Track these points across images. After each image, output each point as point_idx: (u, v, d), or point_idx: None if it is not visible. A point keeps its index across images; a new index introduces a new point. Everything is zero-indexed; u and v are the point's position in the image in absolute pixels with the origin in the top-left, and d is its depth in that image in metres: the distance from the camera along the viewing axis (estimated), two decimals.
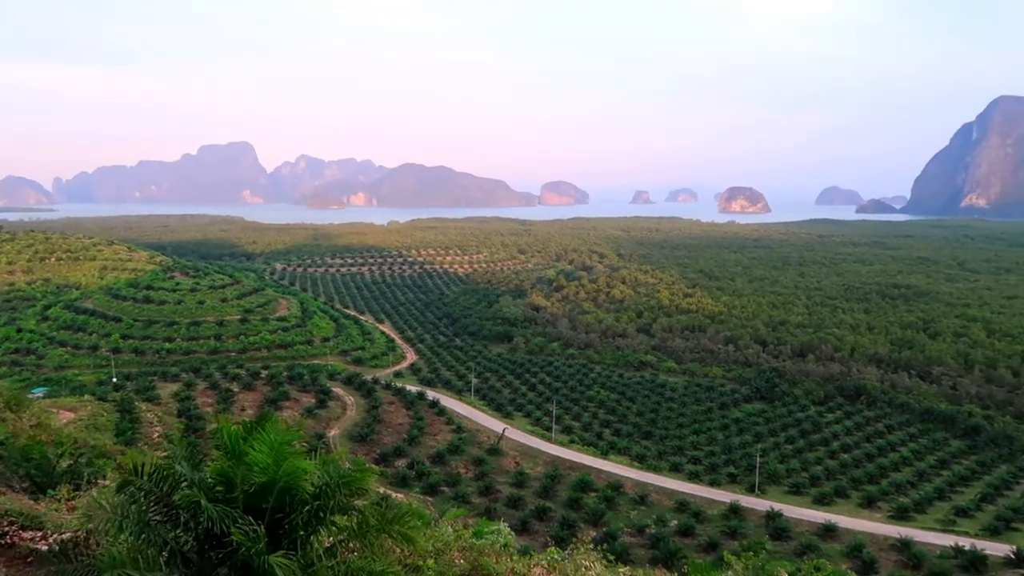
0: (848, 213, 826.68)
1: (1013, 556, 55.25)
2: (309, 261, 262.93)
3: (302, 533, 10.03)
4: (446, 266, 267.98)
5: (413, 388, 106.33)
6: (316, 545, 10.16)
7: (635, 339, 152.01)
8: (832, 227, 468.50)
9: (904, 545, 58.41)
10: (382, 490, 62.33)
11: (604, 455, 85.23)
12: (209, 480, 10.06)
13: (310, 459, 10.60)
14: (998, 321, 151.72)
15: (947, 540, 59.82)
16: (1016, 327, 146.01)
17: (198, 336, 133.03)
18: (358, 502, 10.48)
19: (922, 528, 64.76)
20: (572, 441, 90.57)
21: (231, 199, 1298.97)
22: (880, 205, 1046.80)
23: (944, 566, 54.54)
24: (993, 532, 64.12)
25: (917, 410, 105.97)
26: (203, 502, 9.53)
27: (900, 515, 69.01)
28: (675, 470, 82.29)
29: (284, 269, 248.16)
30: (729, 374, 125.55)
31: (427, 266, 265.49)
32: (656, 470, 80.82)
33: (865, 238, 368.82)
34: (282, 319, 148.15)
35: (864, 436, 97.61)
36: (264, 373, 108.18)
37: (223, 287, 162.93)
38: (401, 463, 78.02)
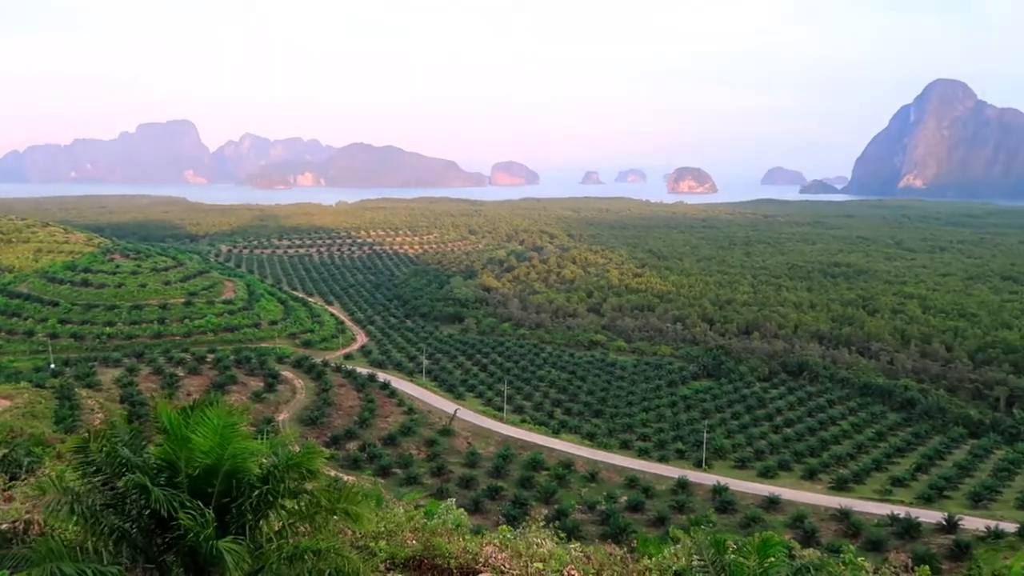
0: (792, 193, 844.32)
1: (945, 523, 57.75)
2: (256, 242, 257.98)
3: (251, 517, 9.91)
4: (396, 247, 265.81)
5: (364, 370, 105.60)
6: (265, 529, 10.05)
7: (585, 319, 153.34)
8: (777, 207, 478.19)
9: (843, 515, 60.53)
10: (333, 473, 61.96)
11: (555, 434, 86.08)
12: (153, 465, 9.86)
13: (258, 442, 10.45)
14: (933, 298, 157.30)
15: (883, 509, 62.17)
16: (949, 304, 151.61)
17: (140, 320, 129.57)
18: (308, 485, 10.39)
19: (860, 498, 67.12)
20: (524, 421, 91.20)
21: (173, 179, 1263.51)
22: (823, 186, 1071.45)
23: (880, 534, 56.73)
24: (927, 500, 66.82)
25: (856, 385, 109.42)
26: (150, 486, 9.34)
27: (840, 486, 71.41)
28: (625, 447, 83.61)
29: (230, 251, 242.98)
30: (677, 352, 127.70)
31: (377, 247, 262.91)
32: (606, 448, 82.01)
33: (808, 218, 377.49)
34: (228, 302, 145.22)
35: (806, 411, 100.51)
36: (210, 357, 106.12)
37: (166, 269, 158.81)
38: (352, 446, 77.60)
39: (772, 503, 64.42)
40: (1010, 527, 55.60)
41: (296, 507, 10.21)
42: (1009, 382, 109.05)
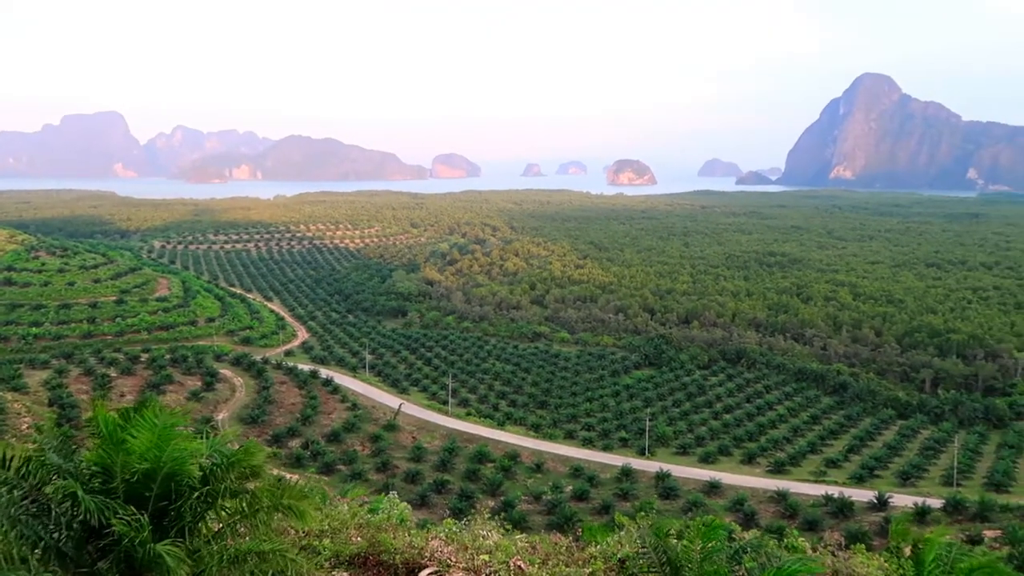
0: (728, 185, 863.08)
1: (876, 501, 60.09)
2: (190, 238, 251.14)
3: (189, 520, 9.67)
4: (336, 241, 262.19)
5: (305, 367, 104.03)
6: (204, 531, 9.83)
7: (529, 311, 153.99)
8: (714, 198, 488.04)
9: (781, 497, 62.38)
10: (276, 472, 60.94)
11: (500, 426, 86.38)
12: (85, 470, 9.52)
13: (198, 443, 10.20)
14: (863, 285, 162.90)
15: (819, 490, 64.29)
16: (878, 290, 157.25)
17: (69, 320, 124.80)
18: (250, 484, 10.20)
19: (797, 480, 69.28)
20: (469, 414, 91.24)
21: (101, 173, 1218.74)
22: (758, 177, 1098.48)
23: (816, 514, 58.67)
24: (859, 480, 69.37)
25: (792, 370, 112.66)
26: (80, 493, 9.02)
27: (777, 469, 73.56)
28: (569, 437, 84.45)
29: (163, 247, 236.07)
30: (619, 342, 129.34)
31: (317, 241, 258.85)
32: (551, 438, 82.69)
33: (744, 209, 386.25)
34: (162, 299, 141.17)
35: (745, 397, 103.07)
36: (144, 357, 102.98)
37: (95, 267, 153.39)
38: (295, 443, 76.48)
39: (713, 487, 65.94)
40: (936, 503, 58.19)
41: (237, 507, 10.00)
42: (934, 364, 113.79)
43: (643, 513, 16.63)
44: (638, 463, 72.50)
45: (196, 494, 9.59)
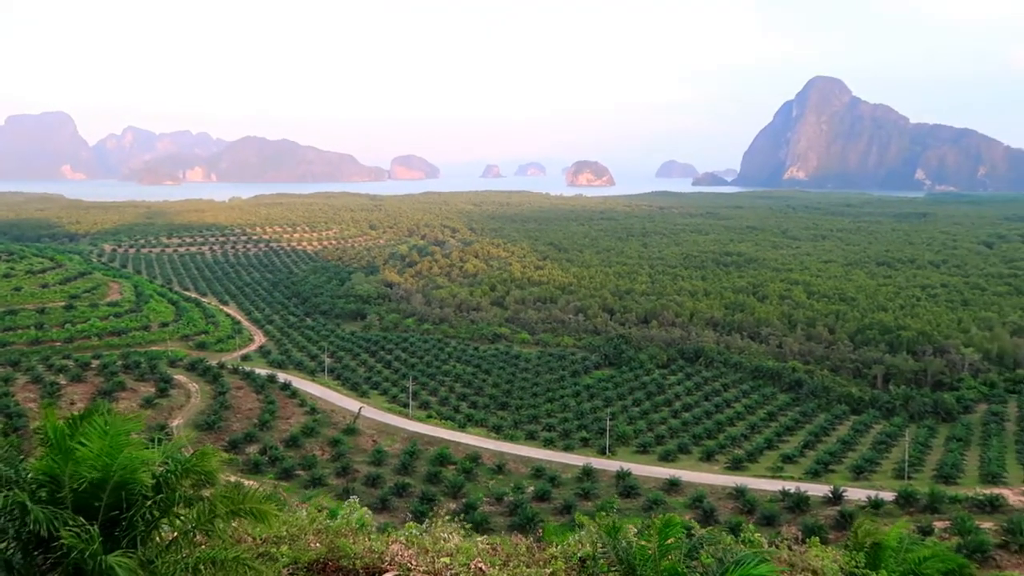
0: (685, 186, 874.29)
1: (831, 495, 61.37)
2: (143, 241, 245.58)
3: (142, 529, 9.45)
4: (294, 243, 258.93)
5: (263, 371, 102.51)
6: (158, 540, 9.62)
7: (489, 312, 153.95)
8: (671, 199, 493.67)
9: (739, 493, 63.32)
10: (234, 479, 59.93)
11: (462, 428, 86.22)
12: (33, 480, 9.25)
13: (151, 450, 9.98)
14: (816, 284, 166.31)
15: (776, 485, 65.41)
16: (831, 289, 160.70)
17: (15, 326, 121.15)
18: (206, 492, 10.01)
19: (754, 476, 70.40)
20: (430, 416, 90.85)
21: (48, 175, 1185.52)
22: (714, 178, 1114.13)
23: (773, 509, 59.69)
24: (814, 475, 70.77)
25: (748, 368, 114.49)
26: (28, 504, 8.76)
27: (735, 466, 74.68)
28: (531, 438, 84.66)
29: (114, 250, 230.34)
30: (579, 342, 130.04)
31: (273, 244, 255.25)
32: (513, 439, 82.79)
33: (701, 209, 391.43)
34: (114, 304, 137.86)
35: (703, 395, 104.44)
36: (95, 363, 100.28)
37: (43, 271, 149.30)
38: (253, 449, 75.31)
39: (673, 485, 66.64)
40: (888, 496, 59.65)
41: (193, 515, 9.80)
42: (885, 361, 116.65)
43: (604, 512, 16.76)
44: (599, 462, 72.94)
45: (149, 503, 9.39)
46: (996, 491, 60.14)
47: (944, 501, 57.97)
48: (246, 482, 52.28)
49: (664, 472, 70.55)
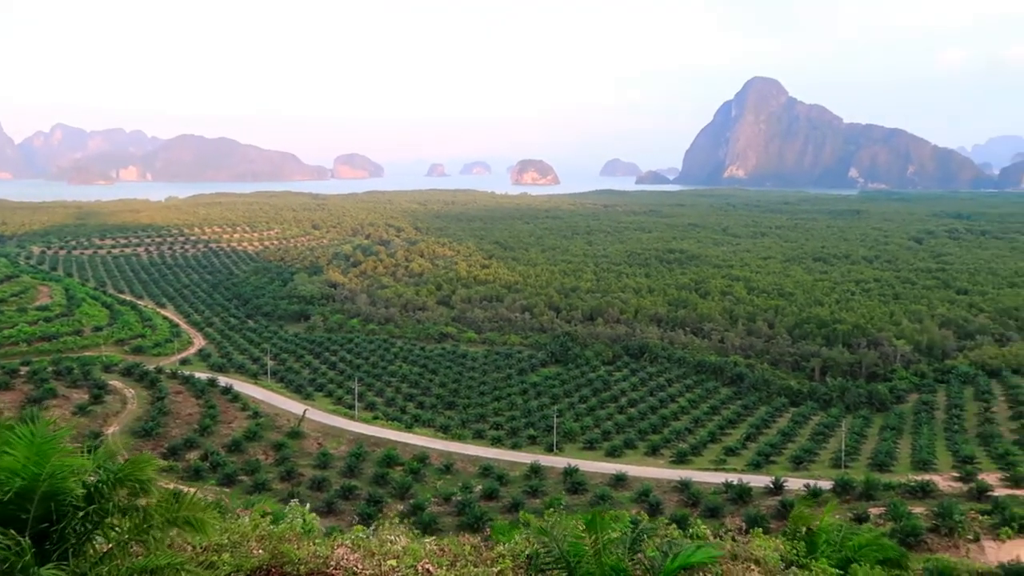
0: (629, 184, 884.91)
1: (772, 485, 62.89)
2: (74, 243, 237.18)
3: (74, 541, 9.09)
4: (234, 244, 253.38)
5: (203, 375, 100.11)
6: (91, 552, 9.26)
7: (435, 311, 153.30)
8: (615, 197, 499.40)
9: (684, 486, 64.40)
10: (173, 486, 58.32)
11: (409, 428, 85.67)
12: None
13: (82, 459, 9.61)
14: (756, 280, 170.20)
15: (719, 478, 66.71)
16: (770, 284, 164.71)
17: None
18: (142, 500, 9.67)
19: (698, 469, 71.69)
20: (376, 417, 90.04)
21: None
22: (656, 176, 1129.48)
23: (717, 501, 60.87)
24: (756, 466, 72.45)
25: (692, 363, 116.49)
26: None
27: (680, 459, 75.95)
28: (478, 437, 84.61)
29: (43, 252, 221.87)
30: (526, 341, 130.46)
31: (213, 245, 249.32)
32: (460, 439, 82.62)
33: (644, 207, 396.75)
34: (43, 308, 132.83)
35: (648, 390, 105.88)
36: (24, 370, 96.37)
37: None
38: (193, 455, 73.46)
39: (619, 480, 67.39)
40: (826, 485, 61.41)
41: (128, 525, 9.46)
42: (822, 354, 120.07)
43: (551, 509, 16.81)
44: (546, 460, 73.30)
45: (81, 513, 9.03)
46: (927, 477, 62.52)
47: (879, 488, 59.95)
48: (186, 489, 51.04)
49: (611, 467, 71.29)
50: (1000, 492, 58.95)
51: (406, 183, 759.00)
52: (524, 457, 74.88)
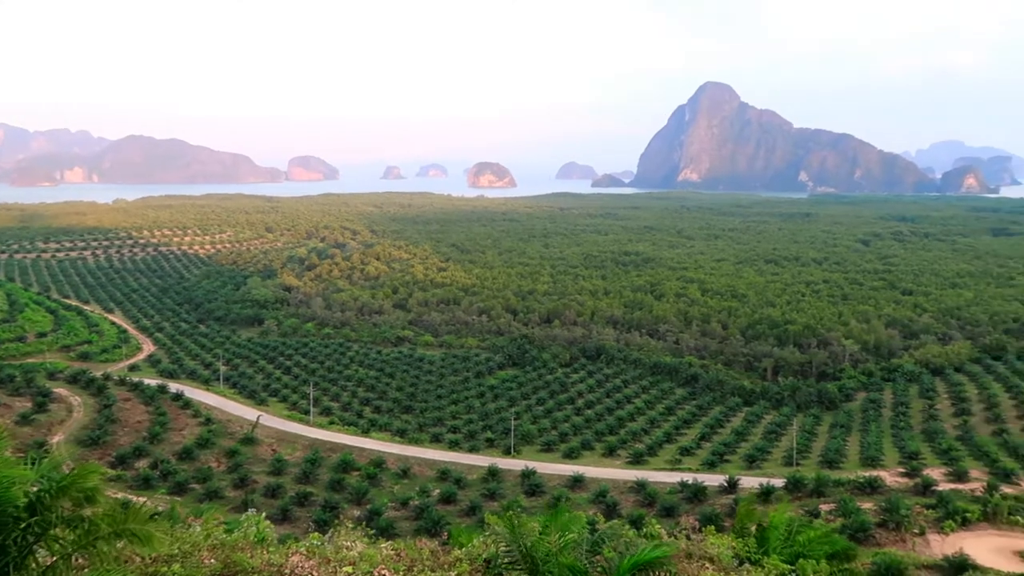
0: (585, 187, 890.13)
1: (726, 484, 63.83)
2: (16, 246, 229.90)
3: (15, 555, 8.81)
4: (185, 247, 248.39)
5: (153, 381, 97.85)
6: (34, 566, 8.99)
7: (392, 315, 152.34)
8: (572, 200, 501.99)
9: (640, 486, 65.01)
10: (121, 495, 56.89)
11: (365, 433, 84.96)
12: None
13: (24, 469, 9.32)
14: (710, 281, 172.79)
15: (675, 477, 67.47)
16: (724, 286, 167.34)
17: None
18: (87, 511, 9.42)
19: (654, 469, 72.45)
20: (332, 422, 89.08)
21: None
22: (612, 179, 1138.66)
23: (672, 500, 61.57)
24: (710, 466, 73.49)
25: (647, 364, 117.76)
26: None
27: (636, 460, 76.67)
28: (436, 441, 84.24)
29: None
30: (483, 343, 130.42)
31: (163, 248, 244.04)
32: (417, 443, 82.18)
33: (600, 210, 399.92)
34: None
35: (604, 392, 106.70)
36: None
37: None
38: (142, 464, 71.77)
39: (577, 482, 67.72)
40: (779, 482, 62.57)
41: (72, 537, 9.20)
42: (774, 354, 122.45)
43: (509, 512, 16.83)
44: (504, 462, 73.32)
45: (23, 525, 8.77)
46: (875, 473, 64.16)
47: (829, 485, 61.30)
48: (135, 499, 49.77)
49: (568, 469, 71.60)
50: (944, 487, 60.78)
51: (362, 185, 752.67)
52: (482, 460, 74.78)
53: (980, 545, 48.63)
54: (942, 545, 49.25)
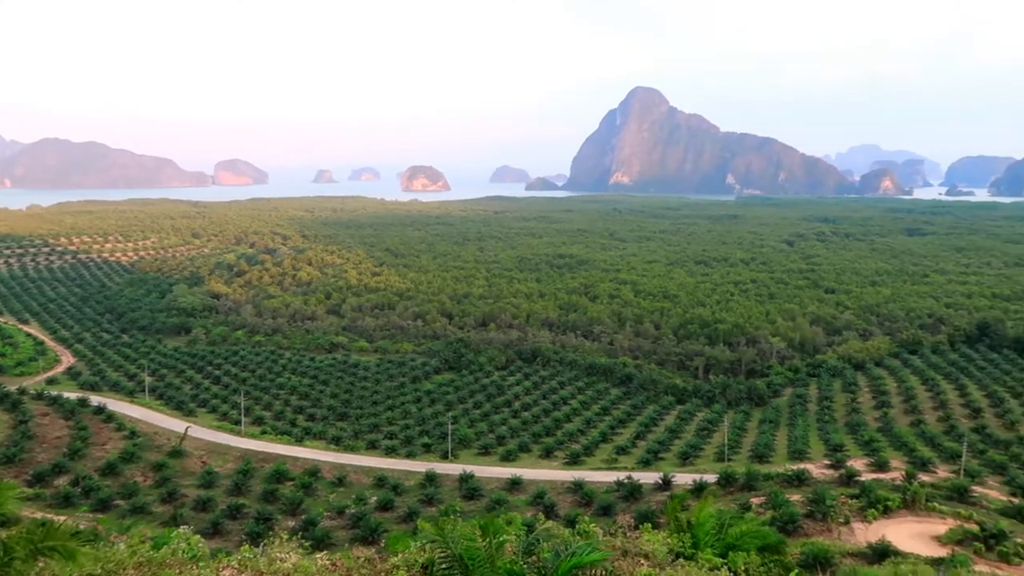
0: (519, 190, 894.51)
1: (661, 481, 64.95)
2: None
3: None
4: (106, 255, 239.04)
5: (73, 395, 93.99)
6: None
7: (325, 321, 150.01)
8: (506, 203, 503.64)
9: (577, 487, 65.59)
10: (39, 515, 54.33)
11: (299, 442, 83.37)
12: None
13: None
14: (642, 283, 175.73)
15: (611, 476, 68.33)
16: (656, 287, 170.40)
17: None
18: (2, 532, 8.96)
19: (591, 469, 73.22)
20: (264, 432, 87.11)
21: None
22: (545, 183, 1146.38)
23: (609, 500, 62.32)
24: (645, 464, 74.70)
25: (583, 365, 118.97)
26: None
27: (573, 461, 77.35)
28: (372, 447, 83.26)
29: None
30: (419, 348, 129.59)
31: (82, 256, 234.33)
32: (353, 450, 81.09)
33: (534, 213, 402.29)
34: None
35: (541, 394, 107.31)
36: None
37: None
38: (63, 481, 68.76)
39: (515, 484, 67.89)
40: (711, 478, 64.01)
41: None
42: (705, 352, 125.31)
43: (446, 517, 16.74)
44: (442, 467, 73.01)
45: None
46: (802, 466, 66.31)
47: (759, 479, 63.02)
48: (55, 518, 47.61)
49: (506, 472, 71.72)
50: (866, 477, 63.23)
51: (292, 189, 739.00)
52: (419, 466, 74.29)
53: (901, 531, 50.77)
54: (866, 533, 51.20)
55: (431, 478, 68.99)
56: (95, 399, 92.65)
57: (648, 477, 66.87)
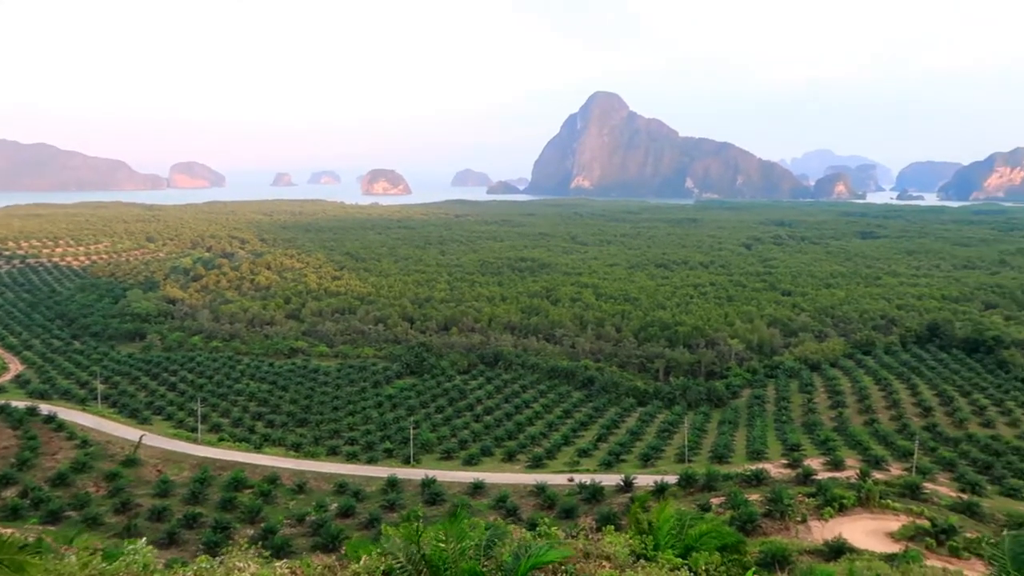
0: (480, 194, 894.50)
1: (623, 483, 65.41)
2: None
3: None
4: (56, 259, 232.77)
5: (21, 403, 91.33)
6: None
7: (284, 326, 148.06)
8: (467, 207, 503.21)
9: (540, 490, 65.71)
10: None
11: (258, 449, 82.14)
12: None
13: None
14: (603, 286, 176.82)
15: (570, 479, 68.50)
16: (617, 290, 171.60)
17: None
18: None
19: (553, 472, 73.42)
20: (222, 439, 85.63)
21: None
22: (507, 187, 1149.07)
23: (572, 502, 62.56)
24: (607, 466, 75.12)
25: (545, 369, 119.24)
26: None
27: (536, 464, 77.44)
28: (333, 453, 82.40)
29: None
30: (380, 353, 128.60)
31: (31, 260, 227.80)
32: (313, 456, 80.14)
33: (495, 217, 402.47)
34: None
35: (503, 398, 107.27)
36: None
37: None
38: (11, 492, 66.80)
39: (477, 488, 67.75)
40: (672, 479, 64.67)
41: None
42: (665, 355, 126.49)
43: (408, 523, 16.62)
44: (404, 472, 72.53)
45: None
46: (761, 466, 67.35)
47: (719, 479, 63.86)
48: (2, 530, 46.19)
49: (468, 476, 71.55)
50: (823, 475, 64.49)
51: (250, 192, 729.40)
52: (381, 471, 73.68)
53: (856, 529, 51.86)
54: (822, 531, 52.19)
55: (393, 483, 68.49)
56: (45, 407, 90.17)
57: (610, 479, 67.28)
